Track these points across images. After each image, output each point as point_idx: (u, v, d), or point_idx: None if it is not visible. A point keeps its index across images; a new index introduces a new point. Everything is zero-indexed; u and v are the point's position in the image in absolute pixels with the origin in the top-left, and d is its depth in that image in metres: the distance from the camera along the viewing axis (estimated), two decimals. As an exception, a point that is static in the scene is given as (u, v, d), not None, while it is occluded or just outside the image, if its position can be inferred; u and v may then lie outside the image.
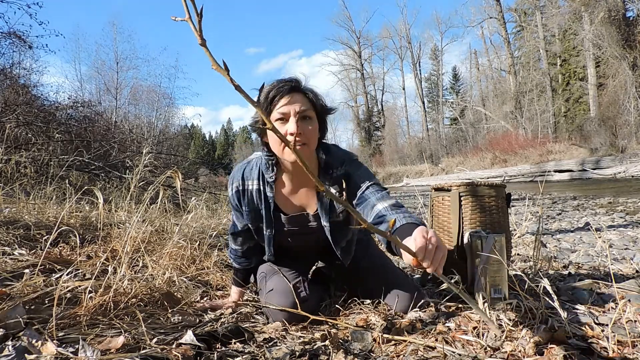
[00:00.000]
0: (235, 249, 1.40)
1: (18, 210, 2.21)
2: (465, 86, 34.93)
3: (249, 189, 1.23)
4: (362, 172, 1.21)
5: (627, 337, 0.94)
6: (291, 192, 1.25)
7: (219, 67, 0.51)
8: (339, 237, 1.29)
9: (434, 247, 0.80)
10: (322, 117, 1.18)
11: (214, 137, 69.41)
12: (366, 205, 1.14)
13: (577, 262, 2.08)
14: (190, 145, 37.36)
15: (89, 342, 0.87)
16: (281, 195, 1.25)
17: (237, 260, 1.41)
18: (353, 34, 35.57)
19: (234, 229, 1.37)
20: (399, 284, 1.28)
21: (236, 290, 1.42)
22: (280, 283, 1.26)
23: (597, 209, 4.79)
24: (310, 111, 1.12)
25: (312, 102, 1.14)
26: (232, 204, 1.29)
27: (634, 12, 16.42)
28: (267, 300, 1.23)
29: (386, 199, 1.12)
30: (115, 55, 19.44)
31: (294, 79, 1.14)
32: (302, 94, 1.13)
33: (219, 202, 4.52)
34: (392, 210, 1.07)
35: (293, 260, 1.39)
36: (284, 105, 1.09)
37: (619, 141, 15.55)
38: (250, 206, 1.25)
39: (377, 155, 34.57)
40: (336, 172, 1.21)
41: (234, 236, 1.38)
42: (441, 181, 1.75)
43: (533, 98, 23.64)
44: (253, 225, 1.29)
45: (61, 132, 4.85)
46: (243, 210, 1.26)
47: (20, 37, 7.05)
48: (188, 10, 0.49)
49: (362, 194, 1.16)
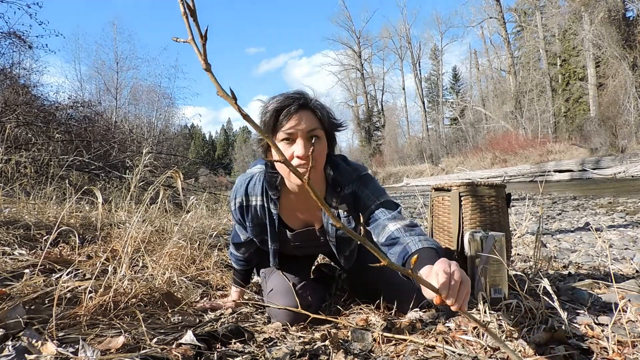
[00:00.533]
0: (236, 254, 1.40)
1: (18, 210, 2.21)
2: (465, 86, 34.98)
3: (252, 205, 1.19)
4: (370, 191, 1.15)
5: (627, 337, 0.94)
6: (296, 206, 1.20)
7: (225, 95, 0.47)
8: (344, 248, 1.28)
9: (458, 283, 0.75)
10: (331, 134, 1.11)
11: (214, 137, 69.46)
12: (377, 226, 1.09)
13: (577, 262, 2.08)
14: (190, 145, 37.36)
15: (89, 342, 0.87)
16: (286, 210, 1.21)
17: (237, 263, 1.41)
18: (353, 34, 35.64)
19: (236, 240, 1.34)
20: (400, 284, 1.27)
21: (236, 290, 1.42)
22: (281, 282, 1.26)
23: (597, 209, 4.79)
24: (319, 130, 1.05)
25: (321, 120, 1.06)
26: (235, 218, 1.24)
27: (634, 12, 16.45)
28: (270, 300, 1.23)
29: (398, 219, 1.08)
30: (115, 55, 19.49)
31: (301, 95, 1.05)
32: (310, 111, 1.05)
33: (219, 202, 4.53)
34: (406, 232, 1.03)
35: (295, 262, 1.39)
36: (290, 125, 1.01)
37: (619, 141, 15.55)
38: (255, 221, 1.21)
39: (377, 155, 34.58)
40: (344, 191, 1.16)
41: (236, 246, 1.36)
42: (441, 181, 1.75)
43: (533, 98, 23.64)
44: (257, 238, 1.26)
45: (61, 132, 4.85)
46: (247, 225, 1.23)
47: (20, 37, 7.06)
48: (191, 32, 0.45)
49: (372, 214, 1.12)
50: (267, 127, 1.03)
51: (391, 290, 1.27)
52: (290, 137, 1.02)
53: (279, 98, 1.04)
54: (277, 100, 1.03)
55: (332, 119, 1.10)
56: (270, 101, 1.05)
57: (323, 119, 1.07)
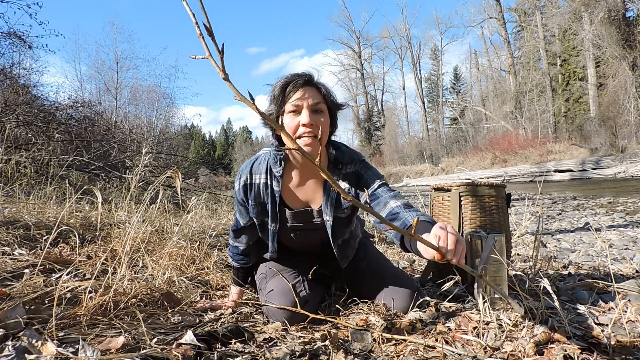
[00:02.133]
0: (235, 246, 1.40)
1: (18, 210, 2.21)
2: (466, 86, 34.95)
3: (255, 183, 1.25)
4: (372, 172, 1.25)
5: (627, 337, 0.94)
6: (298, 185, 1.26)
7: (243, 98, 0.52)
8: (338, 233, 1.30)
9: (454, 240, 0.85)
10: (333, 112, 1.21)
11: (213, 137, 69.41)
12: (379, 203, 1.17)
13: (577, 262, 2.08)
14: (190, 145, 37.33)
15: (89, 342, 0.87)
16: (288, 189, 1.26)
17: (236, 258, 1.41)
18: (353, 34, 35.59)
19: (236, 226, 1.37)
20: (398, 284, 1.29)
21: (236, 290, 1.42)
22: (281, 283, 1.26)
23: (597, 209, 4.79)
24: (322, 104, 1.16)
25: (324, 96, 1.17)
26: (238, 198, 1.29)
27: (634, 12, 16.42)
28: (268, 300, 1.23)
29: (398, 198, 1.16)
30: (115, 55, 19.46)
31: (307, 73, 1.17)
32: (315, 87, 1.16)
33: (219, 202, 4.53)
34: (405, 209, 1.11)
35: (293, 261, 1.39)
36: (297, 97, 1.12)
37: (619, 141, 15.54)
38: (256, 200, 1.26)
39: (377, 155, 34.54)
40: (345, 169, 1.24)
41: (236, 233, 1.38)
42: (441, 181, 1.75)
43: (533, 98, 23.64)
44: (258, 219, 1.29)
45: (61, 132, 4.85)
46: (249, 204, 1.27)
47: (20, 37, 7.05)
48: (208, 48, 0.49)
49: (374, 192, 1.20)
50: (275, 100, 1.15)
51: (390, 290, 1.28)
52: (297, 109, 1.13)
53: (288, 75, 1.16)
54: (286, 77, 1.16)
55: (334, 98, 1.21)
56: (278, 80, 1.17)
57: (327, 95, 1.18)
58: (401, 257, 2.31)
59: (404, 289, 1.27)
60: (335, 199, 1.24)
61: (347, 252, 1.37)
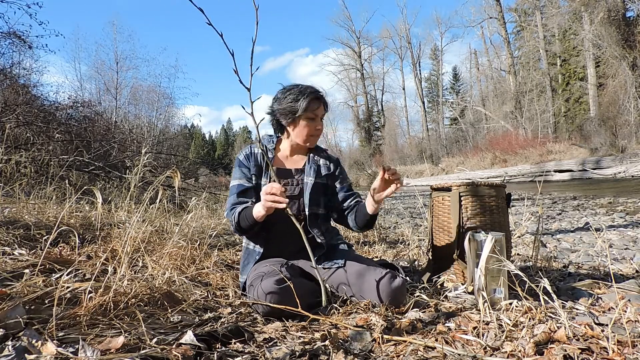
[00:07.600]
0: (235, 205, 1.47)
1: (18, 210, 2.21)
2: (465, 86, 34.96)
3: (254, 152, 1.57)
4: (345, 173, 1.67)
5: (627, 337, 0.94)
6: (287, 158, 1.61)
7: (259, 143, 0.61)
8: (314, 200, 1.53)
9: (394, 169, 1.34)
10: None
11: (214, 137, 69.39)
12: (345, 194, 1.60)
13: (577, 262, 2.08)
14: (190, 145, 37.28)
15: (89, 342, 0.87)
16: (277, 158, 1.61)
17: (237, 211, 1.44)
18: (353, 34, 35.56)
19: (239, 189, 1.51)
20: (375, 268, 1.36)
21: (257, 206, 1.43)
22: (265, 268, 1.35)
23: (597, 209, 4.80)
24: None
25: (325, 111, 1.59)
26: (242, 163, 1.54)
27: (634, 12, 16.39)
28: (253, 285, 1.30)
29: (357, 197, 1.61)
30: (115, 55, 19.42)
31: (322, 92, 1.53)
32: (324, 103, 1.54)
33: (219, 202, 4.52)
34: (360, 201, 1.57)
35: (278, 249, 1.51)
36: (318, 109, 1.50)
37: (619, 141, 15.53)
38: (255, 163, 1.56)
39: (377, 155, 34.48)
40: (326, 154, 1.63)
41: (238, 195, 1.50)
42: (441, 181, 1.75)
43: (533, 98, 23.63)
44: (255, 180, 1.53)
45: (61, 132, 4.85)
46: (250, 165, 1.54)
47: (20, 37, 7.05)
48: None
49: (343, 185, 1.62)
50: (300, 106, 1.45)
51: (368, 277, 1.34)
52: (315, 117, 1.50)
53: (311, 88, 1.49)
54: (309, 89, 1.48)
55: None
56: (300, 86, 1.50)
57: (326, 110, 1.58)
58: (401, 258, 2.31)
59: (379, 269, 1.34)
60: (317, 169, 1.56)
61: (318, 225, 1.53)
